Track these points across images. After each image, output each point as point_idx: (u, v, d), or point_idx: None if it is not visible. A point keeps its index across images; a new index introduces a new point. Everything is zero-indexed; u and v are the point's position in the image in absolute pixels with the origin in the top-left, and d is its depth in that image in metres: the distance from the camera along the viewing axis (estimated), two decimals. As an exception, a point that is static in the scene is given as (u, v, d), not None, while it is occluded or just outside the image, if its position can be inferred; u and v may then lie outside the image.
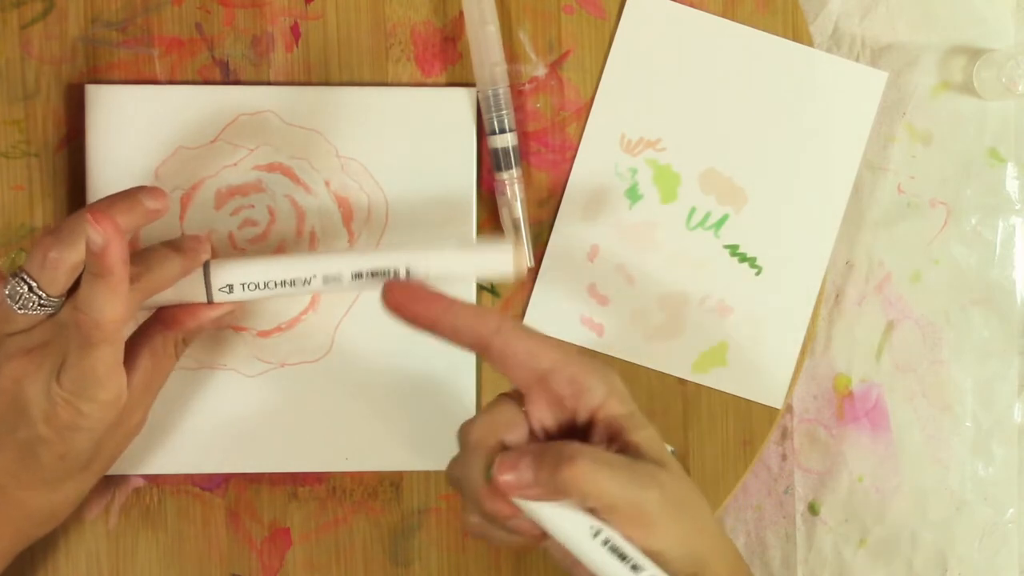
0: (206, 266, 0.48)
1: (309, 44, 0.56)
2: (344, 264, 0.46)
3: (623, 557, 0.40)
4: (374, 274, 0.46)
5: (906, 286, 0.60)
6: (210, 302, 0.48)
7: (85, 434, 0.47)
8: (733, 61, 0.57)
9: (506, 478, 0.41)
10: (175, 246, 0.49)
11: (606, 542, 0.41)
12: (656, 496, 0.41)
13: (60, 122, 0.55)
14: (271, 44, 0.56)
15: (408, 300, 0.43)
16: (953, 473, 0.60)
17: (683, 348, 0.57)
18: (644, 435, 0.43)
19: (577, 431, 0.44)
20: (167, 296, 0.48)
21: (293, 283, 0.46)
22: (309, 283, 0.46)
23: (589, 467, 0.40)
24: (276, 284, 0.46)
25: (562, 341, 0.44)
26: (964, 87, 0.60)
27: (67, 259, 0.46)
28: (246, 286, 0.47)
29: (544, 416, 0.44)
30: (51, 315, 0.48)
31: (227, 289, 0.47)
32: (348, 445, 0.56)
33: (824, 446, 0.60)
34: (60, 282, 0.47)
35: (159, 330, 0.50)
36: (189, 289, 0.48)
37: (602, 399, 0.43)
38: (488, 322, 0.43)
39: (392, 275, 0.46)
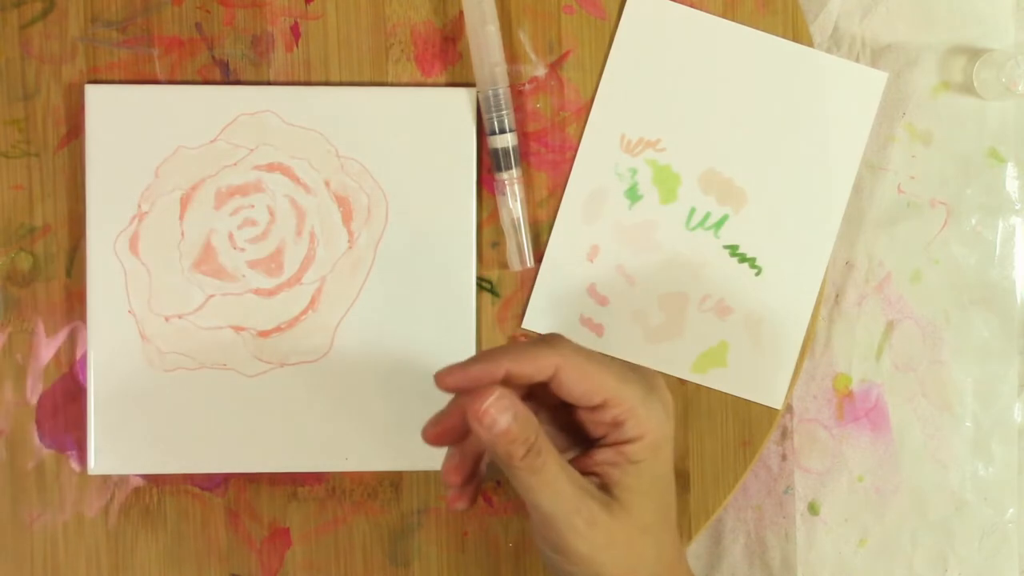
0: None
1: (309, 44, 0.56)
2: None
3: None
4: None
5: (906, 286, 0.60)
6: None
7: None
8: (733, 61, 0.57)
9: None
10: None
11: None
12: (579, 525, 0.42)
13: (60, 122, 0.55)
14: (271, 44, 0.56)
15: (459, 381, 0.44)
16: (953, 473, 0.60)
17: (683, 348, 0.57)
18: (630, 482, 0.44)
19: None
20: None
21: None
22: None
23: (556, 469, 0.42)
24: None
25: (623, 374, 0.44)
26: (964, 87, 0.60)
27: None
28: None
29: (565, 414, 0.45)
30: None
31: None
32: (348, 445, 0.56)
33: (824, 446, 0.60)
34: None
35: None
36: None
37: (629, 439, 0.44)
38: (544, 369, 0.43)
39: None
